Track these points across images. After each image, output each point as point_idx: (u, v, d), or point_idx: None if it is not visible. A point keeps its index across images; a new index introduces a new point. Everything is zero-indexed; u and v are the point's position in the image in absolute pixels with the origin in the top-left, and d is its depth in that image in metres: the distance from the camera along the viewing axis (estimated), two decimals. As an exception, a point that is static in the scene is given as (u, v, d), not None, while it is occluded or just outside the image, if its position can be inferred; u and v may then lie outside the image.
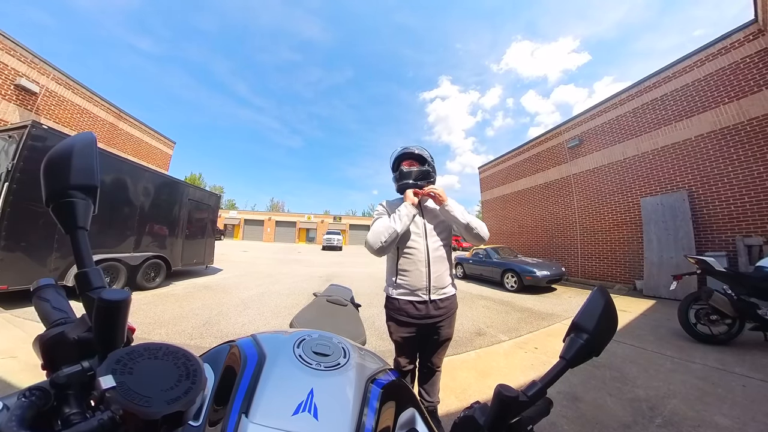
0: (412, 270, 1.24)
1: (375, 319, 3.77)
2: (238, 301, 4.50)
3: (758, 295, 2.84)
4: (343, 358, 0.48)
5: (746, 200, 5.16)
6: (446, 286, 1.27)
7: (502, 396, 0.35)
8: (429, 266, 1.24)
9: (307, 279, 7.07)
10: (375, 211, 1.37)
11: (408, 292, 1.25)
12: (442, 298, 1.26)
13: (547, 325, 3.77)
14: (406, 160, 1.37)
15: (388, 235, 1.16)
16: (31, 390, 0.24)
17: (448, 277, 1.29)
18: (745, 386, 2.11)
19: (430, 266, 1.24)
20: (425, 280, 1.23)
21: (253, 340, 0.50)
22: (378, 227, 1.20)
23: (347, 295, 1.44)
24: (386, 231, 1.17)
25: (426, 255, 1.24)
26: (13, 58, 6.51)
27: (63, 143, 0.37)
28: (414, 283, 1.24)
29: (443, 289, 1.26)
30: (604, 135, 7.97)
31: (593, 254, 7.94)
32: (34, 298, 0.36)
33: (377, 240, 1.17)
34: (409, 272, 1.24)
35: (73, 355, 0.29)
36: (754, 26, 5.15)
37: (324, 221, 33.21)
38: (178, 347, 0.27)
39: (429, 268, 1.23)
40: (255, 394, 0.37)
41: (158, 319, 3.43)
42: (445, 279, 1.27)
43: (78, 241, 0.35)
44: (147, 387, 0.22)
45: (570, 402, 1.86)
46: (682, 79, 6.22)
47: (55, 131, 3.73)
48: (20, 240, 3.33)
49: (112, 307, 0.27)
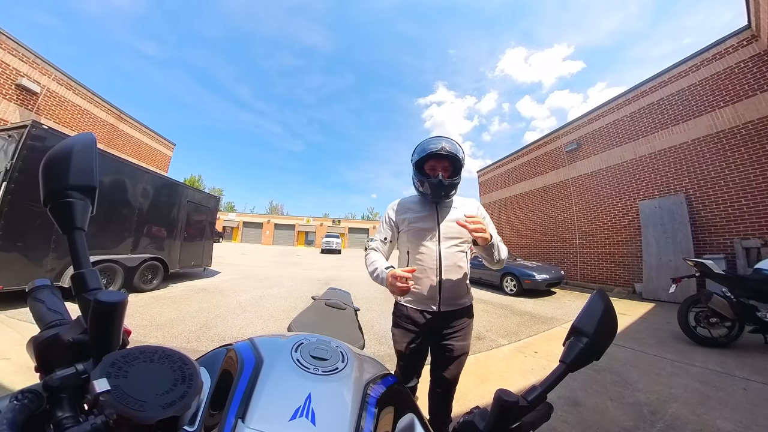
0: (422, 278, 1.10)
1: (374, 323, 3.75)
2: (236, 304, 4.47)
3: (757, 298, 2.85)
4: (342, 362, 0.47)
5: (743, 203, 5.19)
6: (461, 297, 1.13)
7: (502, 401, 0.34)
8: (441, 275, 1.09)
9: (306, 282, 7.04)
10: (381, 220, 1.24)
11: (417, 300, 1.12)
12: (455, 310, 1.11)
13: (546, 328, 3.76)
14: (433, 159, 1.11)
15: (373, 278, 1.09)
16: (24, 393, 0.23)
17: (464, 286, 1.13)
18: (746, 389, 2.10)
19: (442, 275, 1.08)
20: (436, 290, 1.09)
21: (250, 344, 0.50)
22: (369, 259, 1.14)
23: (346, 298, 1.43)
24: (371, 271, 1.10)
25: (438, 262, 1.09)
26: (15, 58, 6.53)
27: (63, 143, 0.37)
28: (423, 293, 1.10)
29: (457, 301, 1.12)
30: (602, 139, 8.03)
31: (592, 257, 7.95)
32: (30, 299, 0.35)
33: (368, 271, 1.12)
34: (419, 280, 1.10)
35: (67, 358, 0.28)
36: (747, 32, 5.23)
37: (323, 224, 33.18)
38: (174, 350, 0.27)
39: (440, 276, 1.08)
40: (252, 398, 0.36)
41: (155, 322, 3.40)
42: (460, 289, 1.12)
43: (75, 241, 0.34)
44: (142, 391, 0.22)
45: (571, 407, 1.85)
46: (678, 84, 6.29)
47: (55, 131, 3.72)
48: (17, 240, 3.31)
49: (107, 309, 0.26)
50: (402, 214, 1.20)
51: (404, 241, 1.19)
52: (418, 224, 1.15)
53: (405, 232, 1.18)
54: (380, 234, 1.22)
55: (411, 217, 1.17)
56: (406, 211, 1.19)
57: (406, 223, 1.17)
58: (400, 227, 1.20)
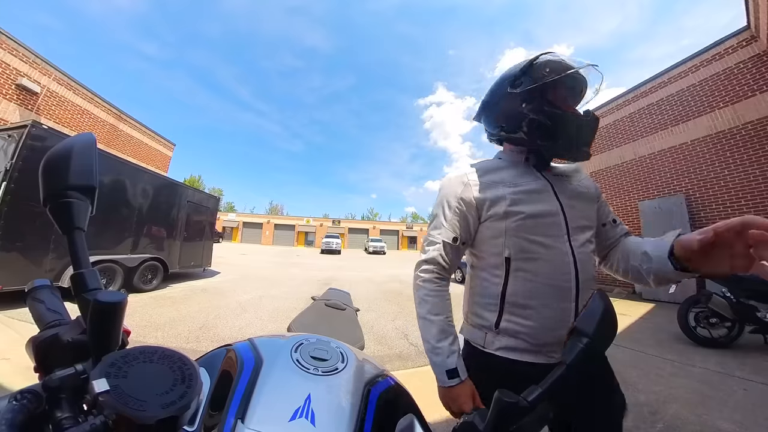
0: (539, 306, 0.61)
1: (374, 323, 3.75)
2: (236, 304, 4.47)
3: (757, 298, 2.85)
4: (341, 363, 0.47)
5: (743, 203, 5.20)
6: None
7: (502, 401, 0.34)
8: (577, 297, 0.61)
9: (306, 282, 7.04)
10: (440, 204, 0.70)
11: (526, 347, 0.62)
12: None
13: (546, 328, 3.76)
14: (566, 86, 0.67)
15: (427, 345, 0.64)
16: (23, 393, 0.23)
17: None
18: (747, 390, 2.10)
19: (579, 297, 0.61)
20: (568, 325, 0.59)
21: (250, 345, 0.50)
22: (426, 295, 0.66)
23: (346, 299, 1.42)
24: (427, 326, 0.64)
25: (573, 275, 0.61)
26: (15, 58, 6.54)
27: (63, 143, 0.36)
28: (542, 332, 0.61)
29: None
30: (602, 139, 8.04)
31: (592, 258, 7.96)
32: (29, 299, 0.35)
33: (421, 314, 0.66)
34: (533, 310, 0.61)
35: (66, 358, 0.28)
36: (746, 33, 5.24)
37: (323, 225, 33.19)
38: (173, 351, 0.27)
39: (577, 300, 0.61)
40: (251, 399, 0.36)
41: (154, 322, 3.39)
42: None
43: (75, 241, 0.34)
44: (141, 391, 0.22)
45: (570, 407, 1.84)
46: (677, 84, 6.30)
47: (55, 131, 3.73)
48: (16, 240, 3.31)
49: (107, 310, 0.26)
50: (493, 189, 0.66)
51: (494, 240, 0.65)
52: (529, 206, 0.64)
53: (498, 221, 0.64)
54: (442, 230, 0.68)
55: (512, 193, 0.65)
56: (499, 184, 0.67)
57: (504, 205, 0.64)
58: (489, 213, 0.66)
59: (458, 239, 0.68)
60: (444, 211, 0.69)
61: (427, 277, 0.67)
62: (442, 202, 0.70)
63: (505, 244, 0.64)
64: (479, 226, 0.68)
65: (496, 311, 0.65)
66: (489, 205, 0.66)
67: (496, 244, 0.65)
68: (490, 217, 0.66)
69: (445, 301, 0.66)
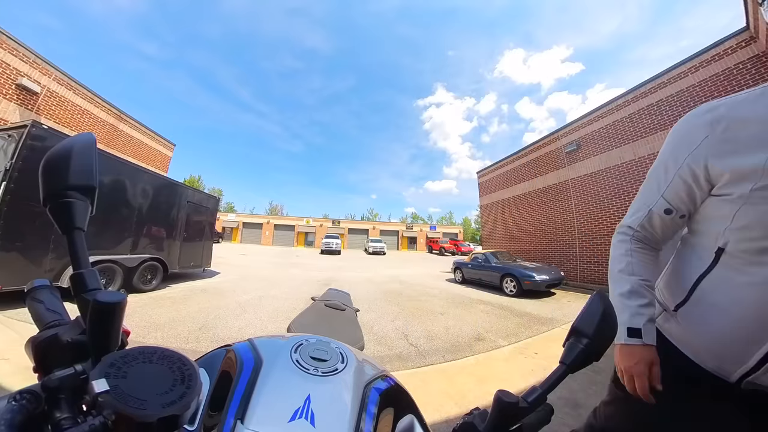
0: (750, 311, 0.49)
1: (373, 324, 3.75)
2: (235, 304, 4.46)
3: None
4: (341, 363, 0.47)
5: (743, 205, 5.21)
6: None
7: (501, 402, 0.34)
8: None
9: (305, 283, 7.03)
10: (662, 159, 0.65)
11: (709, 358, 0.55)
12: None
13: (546, 329, 3.76)
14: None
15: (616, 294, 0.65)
16: (22, 393, 0.23)
17: None
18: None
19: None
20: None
21: (249, 345, 0.50)
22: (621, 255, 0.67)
23: (345, 299, 1.42)
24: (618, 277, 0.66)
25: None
26: (16, 57, 6.54)
27: (63, 143, 0.36)
28: (733, 346, 0.51)
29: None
30: (602, 140, 8.05)
31: (592, 258, 7.95)
32: (28, 299, 0.35)
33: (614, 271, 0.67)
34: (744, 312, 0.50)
35: (66, 358, 0.28)
36: (745, 33, 5.25)
37: (323, 225, 33.17)
38: (173, 351, 0.27)
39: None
40: (251, 399, 0.36)
41: (154, 322, 3.39)
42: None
43: (74, 242, 0.34)
44: (141, 391, 0.22)
45: (571, 408, 1.84)
46: (677, 85, 6.31)
47: (55, 131, 3.72)
48: (16, 240, 3.31)
49: (106, 310, 0.26)
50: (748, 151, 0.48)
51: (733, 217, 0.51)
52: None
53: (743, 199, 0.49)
54: (652, 196, 0.61)
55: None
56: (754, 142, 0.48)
57: (758, 175, 0.47)
58: (725, 184, 0.52)
59: (675, 213, 0.65)
60: (662, 169, 0.66)
61: (627, 245, 0.69)
62: (666, 155, 0.66)
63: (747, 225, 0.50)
64: (708, 198, 0.58)
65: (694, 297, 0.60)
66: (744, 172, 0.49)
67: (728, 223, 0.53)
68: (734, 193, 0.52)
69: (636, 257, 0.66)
